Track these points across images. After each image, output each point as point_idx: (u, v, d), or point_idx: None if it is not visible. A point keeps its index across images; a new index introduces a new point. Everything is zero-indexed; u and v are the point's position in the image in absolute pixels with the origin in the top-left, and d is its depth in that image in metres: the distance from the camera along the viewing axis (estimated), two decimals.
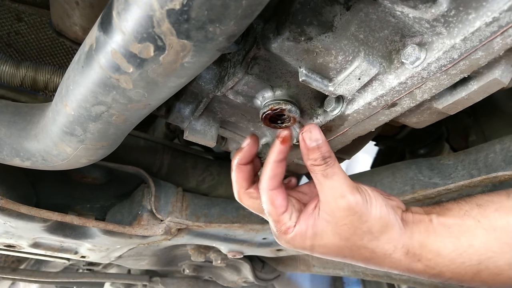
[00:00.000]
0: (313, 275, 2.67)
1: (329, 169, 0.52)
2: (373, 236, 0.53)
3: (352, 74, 0.49)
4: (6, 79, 0.75)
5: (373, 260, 0.55)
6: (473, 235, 0.52)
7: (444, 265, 0.53)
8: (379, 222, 0.53)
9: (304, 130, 0.53)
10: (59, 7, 0.72)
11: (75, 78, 0.48)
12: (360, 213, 0.52)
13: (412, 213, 0.57)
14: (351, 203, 0.52)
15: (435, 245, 0.53)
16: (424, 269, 0.54)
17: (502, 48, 0.41)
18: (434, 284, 1.14)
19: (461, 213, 0.54)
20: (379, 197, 0.55)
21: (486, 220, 0.52)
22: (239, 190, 0.61)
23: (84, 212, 1.06)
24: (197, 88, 0.64)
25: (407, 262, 0.54)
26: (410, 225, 0.55)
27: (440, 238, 0.53)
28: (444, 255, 0.52)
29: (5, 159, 0.66)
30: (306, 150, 0.53)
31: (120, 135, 0.61)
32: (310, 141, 0.52)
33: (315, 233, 0.56)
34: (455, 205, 0.56)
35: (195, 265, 1.53)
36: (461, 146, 1.36)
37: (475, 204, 0.54)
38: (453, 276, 0.53)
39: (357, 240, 0.54)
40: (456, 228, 0.53)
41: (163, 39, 0.36)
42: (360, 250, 0.55)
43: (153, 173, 1.09)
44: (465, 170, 0.76)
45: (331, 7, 0.43)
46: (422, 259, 0.53)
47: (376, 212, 0.53)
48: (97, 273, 1.54)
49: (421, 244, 0.53)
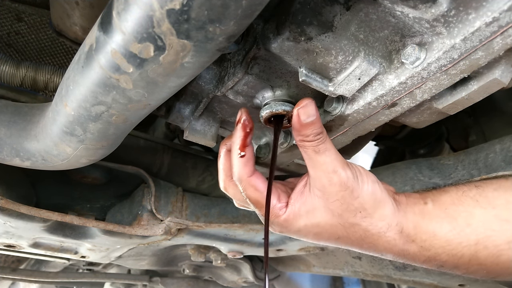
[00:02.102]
0: (313, 275, 2.67)
1: (321, 145, 0.51)
2: (366, 212, 0.52)
3: (352, 74, 0.49)
4: (6, 79, 0.75)
5: (367, 239, 0.54)
6: (471, 214, 0.50)
7: (440, 246, 0.51)
8: (371, 198, 0.52)
9: (301, 106, 0.51)
10: (59, 7, 0.72)
11: (75, 78, 0.48)
12: (352, 188, 0.51)
13: (406, 196, 0.56)
14: (342, 178, 0.51)
15: (430, 226, 0.51)
16: (419, 250, 0.52)
17: (502, 48, 0.41)
18: (434, 284, 1.14)
19: (458, 194, 0.53)
20: (370, 175, 0.54)
21: (485, 200, 0.50)
22: (225, 179, 0.58)
23: (84, 212, 1.06)
24: (197, 88, 0.64)
25: (401, 242, 0.52)
26: (404, 206, 0.54)
27: (436, 219, 0.51)
28: (440, 236, 0.51)
29: (5, 159, 0.66)
30: (299, 126, 0.51)
31: (120, 135, 0.61)
32: (305, 116, 0.50)
33: (307, 211, 0.54)
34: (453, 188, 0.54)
35: (195, 265, 1.53)
36: (461, 146, 1.36)
37: (473, 185, 0.53)
38: (449, 259, 0.51)
39: (350, 217, 0.52)
40: (453, 208, 0.51)
41: (163, 39, 0.36)
42: (354, 228, 0.53)
43: (153, 173, 1.09)
44: (465, 170, 0.76)
45: (331, 7, 0.43)
46: (417, 239, 0.52)
47: (368, 188, 0.52)
48: (97, 273, 1.54)
49: (416, 225, 0.52)
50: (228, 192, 0.60)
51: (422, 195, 0.56)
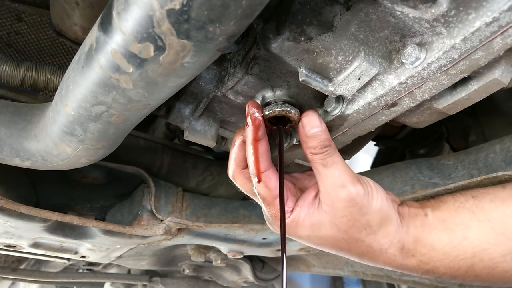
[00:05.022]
0: (313, 275, 2.67)
1: (328, 158, 0.51)
2: (372, 229, 0.52)
3: (352, 74, 0.49)
4: (6, 79, 0.75)
5: (368, 254, 0.54)
6: (468, 227, 0.51)
7: (438, 260, 0.52)
8: (379, 215, 0.52)
9: (304, 116, 0.52)
10: (59, 7, 0.72)
11: (75, 78, 0.48)
12: (361, 204, 0.51)
13: (408, 206, 0.56)
14: (351, 194, 0.50)
15: (429, 239, 0.52)
16: (418, 264, 0.53)
17: (502, 48, 0.41)
18: (434, 284, 1.14)
19: (456, 205, 0.53)
20: (381, 190, 0.54)
21: (481, 212, 0.51)
22: (235, 169, 0.58)
23: (84, 212, 1.06)
24: (197, 88, 0.64)
25: (401, 258, 0.53)
26: (406, 219, 0.54)
27: (435, 231, 0.52)
28: (438, 249, 0.51)
29: (5, 159, 0.66)
30: (305, 138, 0.51)
31: (120, 135, 0.61)
32: (309, 127, 0.51)
33: (313, 224, 0.54)
34: (450, 198, 0.55)
35: (195, 265, 1.53)
36: (461, 146, 1.36)
37: (470, 195, 0.53)
38: (447, 272, 0.52)
39: (355, 233, 0.52)
40: (450, 220, 0.52)
41: (163, 39, 0.36)
42: (357, 243, 0.53)
43: (153, 173, 1.09)
44: (465, 170, 0.76)
45: (331, 7, 0.43)
46: (416, 254, 0.52)
47: (377, 205, 0.52)
48: (97, 273, 1.54)
49: (416, 238, 0.52)
50: (236, 181, 0.60)
51: (422, 204, 0.56)
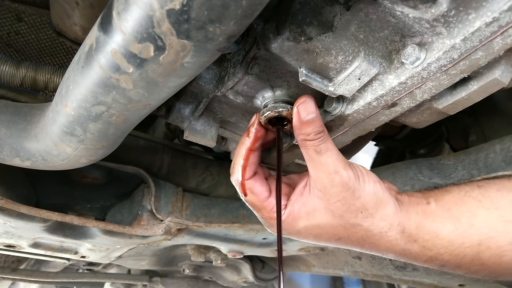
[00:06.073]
0: (313, 275, 2.67)
1: (322, 144, 0.50)
2: (368, 212, 0.52)
3: (352, 74, 0.49)
4: (6, 79, 0.75)
5: (369, 239, 0.53)
6: (474, 215, 0.50)
7: (442, 246, 0.51)
8: (373, 198, 0.51)
9: (300, 102, 0.51)
10: (59, 7, 0.72)
11: (75, 78, 0.48)
12: (353, 188, 0.50)
13: (408, 196, 0.55)
14: (344, 179, 0.50)
15: (433, 226, 0.51)
16: (421, 250, 0.52)
17: (502, 48, 0.41)
18: (434, 284, 1.14)
19: (461, 194, 0.52)
20: (372, 175, 0.53)
21: (488, 200, 0.50)
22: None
23: (84, 212, 1.06)
24: (197, 88, 0.64)
25: (403, 242, 0.52)
26: (406, 206, 0.53)
27: (439, 219, 0.51)
28: (443, 236, 0.50)
29: (5, 159, 0.66)
30: (299, 124, 0.50)
31: (120, 135, 0.61)
32: (304, 113, 0.50)
33: (307, 212, 0.54)
34: (455, 188, 0.54)
35: (195, 265, 1.53)
36: (461, 146, 1.36)
37: (475, 185, 0.52)
38: (451, 259, 0.51)
39: (351, 217, 0.52)
40: (456, 209, 0.51)
41: (163, 39, 0.36)
42: (355, 229, 0.53)
43: (153, 173, 1.09)
44: (465, 170, 0.76)
45: (331, 7, 0.43)
46: (419, 239, 0.51)
47: (370, 188, 0.51)
48: (97, 273, 1.54)
49: (418, 225, 0.52)
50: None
51: (424, 194, 0.55)
